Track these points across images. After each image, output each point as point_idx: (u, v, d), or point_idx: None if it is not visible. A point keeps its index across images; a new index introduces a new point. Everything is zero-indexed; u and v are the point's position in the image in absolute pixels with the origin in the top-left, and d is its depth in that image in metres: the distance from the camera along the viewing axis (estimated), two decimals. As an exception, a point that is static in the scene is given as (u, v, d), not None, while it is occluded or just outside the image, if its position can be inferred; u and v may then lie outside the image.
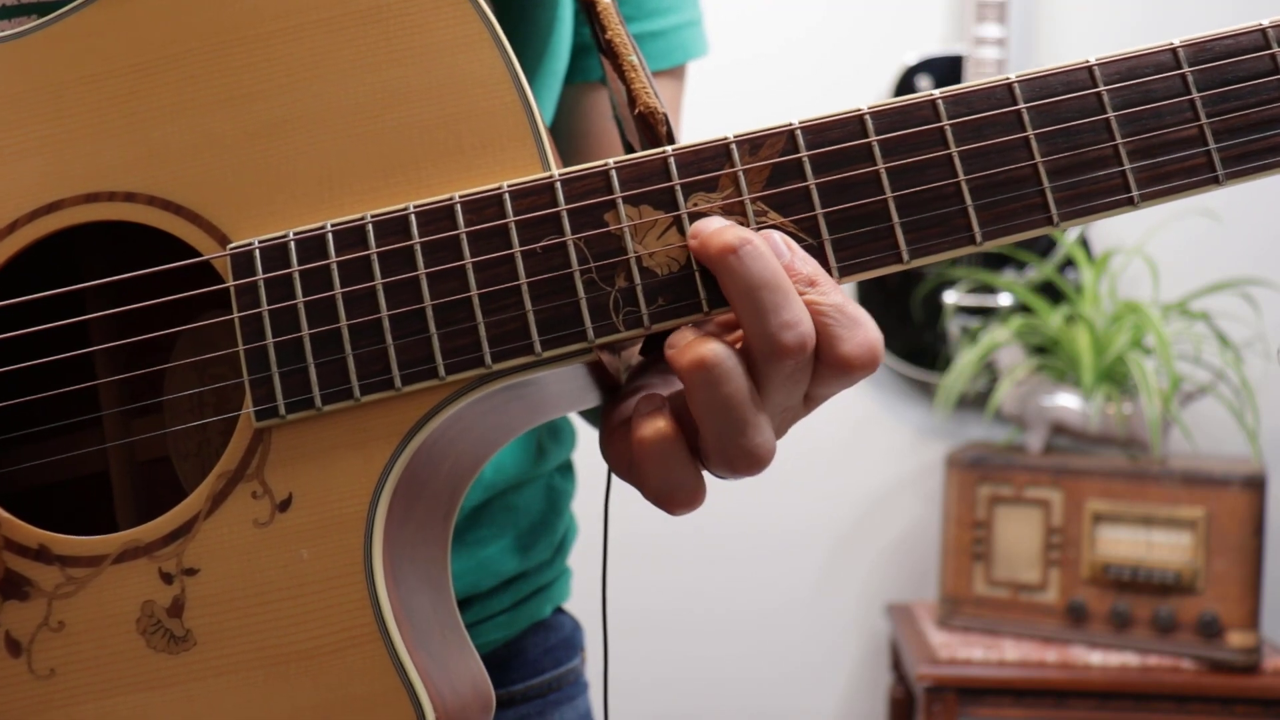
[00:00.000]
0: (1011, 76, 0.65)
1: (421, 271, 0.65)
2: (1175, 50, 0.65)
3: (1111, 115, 0.65)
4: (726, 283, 0.63)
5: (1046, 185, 0.65)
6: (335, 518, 0.65)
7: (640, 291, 0.65)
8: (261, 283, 0.66)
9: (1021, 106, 0.65)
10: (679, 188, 0.65)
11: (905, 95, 0.66)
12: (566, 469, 1.05)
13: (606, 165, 0.65)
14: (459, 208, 0.65)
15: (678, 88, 1.03)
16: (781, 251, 0.63)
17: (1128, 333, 2.42)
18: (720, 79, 2.18)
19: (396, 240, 0.66)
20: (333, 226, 0.66)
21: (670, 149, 0.65)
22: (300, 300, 0.66)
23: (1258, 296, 2.59)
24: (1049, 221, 0.65)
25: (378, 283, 0.65)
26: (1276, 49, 0.65)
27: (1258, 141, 0.65)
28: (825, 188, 0.65)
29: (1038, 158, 0.65)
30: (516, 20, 0.89)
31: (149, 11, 0.70)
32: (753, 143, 0.65)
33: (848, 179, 0.65)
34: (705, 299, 0.64)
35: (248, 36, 0.68)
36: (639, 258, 0.65)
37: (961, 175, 0.65)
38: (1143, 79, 0.65)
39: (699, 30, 1.03)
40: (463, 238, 0.65)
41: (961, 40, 2.78)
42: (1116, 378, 2.44)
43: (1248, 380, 2.47)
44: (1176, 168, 0.65)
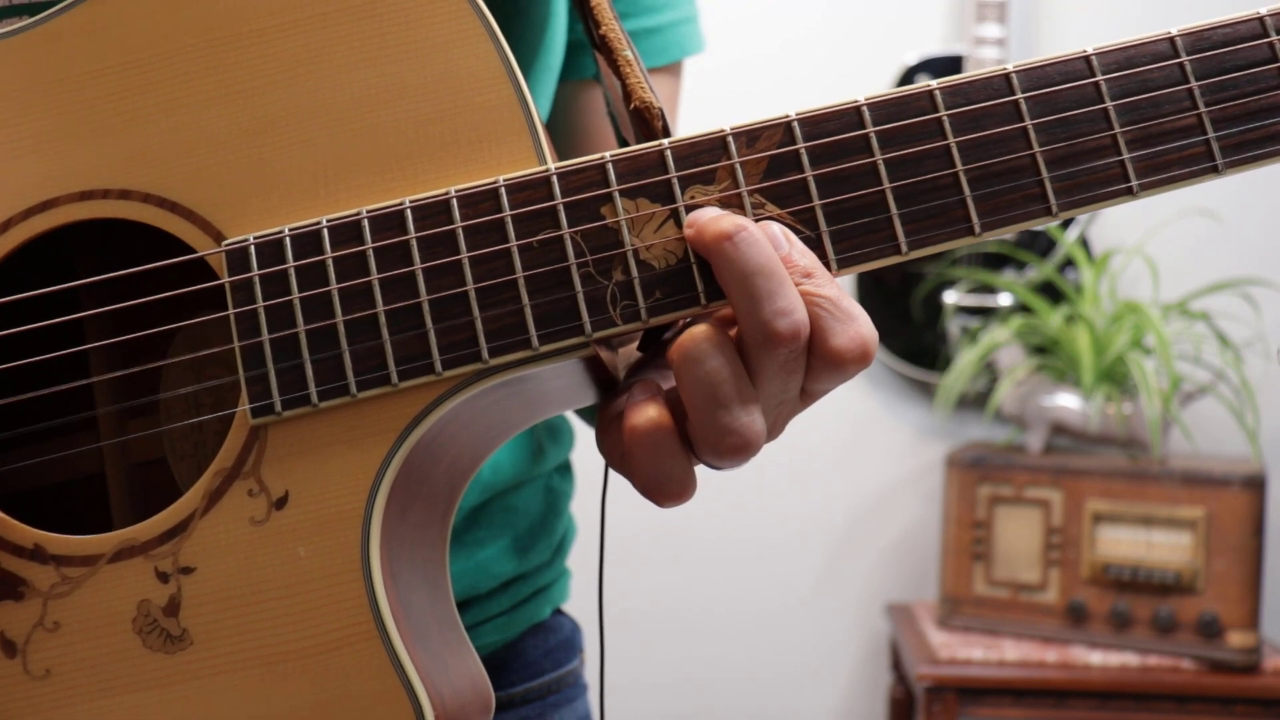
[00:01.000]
0: (1009, 66, 0.65)
1: (417, 266, 0.65)
2: (1173, 39, 0.65)
3: (1110, 105, 0.65)
4: (722, 270, 0.63)
5: (1045, 175, 0.64)
6: (332, 515, 0.65)
7: (638, 285, 0.64)
8: (257, 279, 0.66)
9: (1019, 96, 0.65)
10: (676, 180, 0.65)
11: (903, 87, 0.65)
12: (565, 469, 1.04)
13: (603, 158, 0.65)
14: (455, 202, 0.65)
15: (674, 84, 1.03)
16: (780, 243, 0.63)
17: (1128, 333, 2.42)
18: (719, 79, 2.18)
19: (392, 235, 0.65)
20: (328, 222, 0.66)
21: (666, 141, 0.65)
22: (296, 296, 0.65)
23: (1258, 296, 2.59)
24: (1047, 212, 0.64)
25: (373, 278, 0.65)
26: (1274, 37, 0.65)
27: (1257, 130, 0.65)
28: (823, 179, 0.65)
29: (1036, 148, 0.64)
30: (511, 15, 0.89)
31: (141, 8, 0.69)
32: (750, 135, 0.65)
33: (845, 170, 0.65)
34: (703, 291, 0.64)
35: (241, 32, 0.68)
36: (636, 251, 0.65)
37: (960, 166, 0.64)
38: (1140, 68, 0.65)
39: (695, 27, 1.03)
40: (459, 232, 0.65)
41: (961, 40, 2.78)
42: (1116, 378, 2.44)
43: (1248, 380, 2.47)
44: (1175, 157, 0.65)
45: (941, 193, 0.64)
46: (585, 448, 0.91)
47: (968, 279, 2.71)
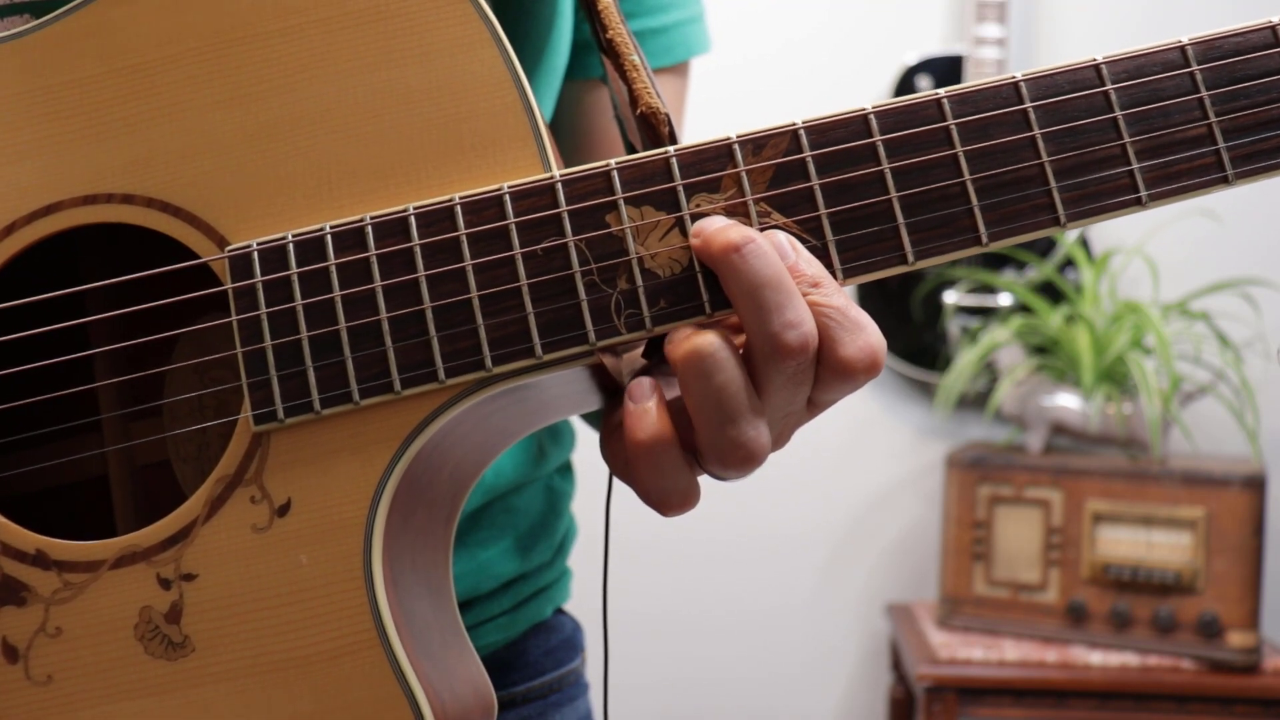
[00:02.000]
0: (1017, 75, 0.65)
1: (421, 274, 0.65)
2: (1184, 48, 0.65)
3: (1119, 114, 0.64)
4: (729, 282, 0.62)
5: (1053, 185, 0.64)
6: (334, 523, 0.64)
7: (642, 293, 0.64)
8: (260, 285, 0.66)
9: (1028, 105, 0.64)
10: (681, 188, 0.65)
11: (907, 95, 0.65)
12: (566, 470, 1.04)
13: (608, 166, 0.65)
14: (459, 209, 0.65)
15: (680, 85, 1.02)
16: (786, 253, 0.63)
17: (1128, 333, 2.42)
18: (721, 79, 2.17)
19: (396, 242, 0.65)
20: (332, 228, 0.65)
21: (672, 149, 0.65)
22: (299, 303, 0.65)
23: (1258, 296, 2.59)
24: (1056, 222, 0.64)
25: (377, 285, 0.65)
26: (1286, 47, 0.65)
27: (1268, 140, 0.64)
28: (829, 188, 0.64)
29: (1044, 157, 0.64)
30: (516, 15, 0.89)
31: (146, 12, 0.69)
32: (756, 143, 0.65)
33: (852, 179, 0.64)
34: (708, 300, 0.64)
35: (246, 37, 0.68)
36: (641, 259, 0.64)
37: (967, 175, 0.64)
38: (1150, 77, 0.65)
39: (701, 26, 1.03)
40: (463, 239, 0.65)
41: (961, 40, 2.77)
42: (1116, 378, 2.44)
43: (1248, 380, 2.46)
44: (1185, 167, 0.64)
45: (949, 202, 0.64)
46: (586, 448, 0.91)
47: (968, 279, 2.70)
